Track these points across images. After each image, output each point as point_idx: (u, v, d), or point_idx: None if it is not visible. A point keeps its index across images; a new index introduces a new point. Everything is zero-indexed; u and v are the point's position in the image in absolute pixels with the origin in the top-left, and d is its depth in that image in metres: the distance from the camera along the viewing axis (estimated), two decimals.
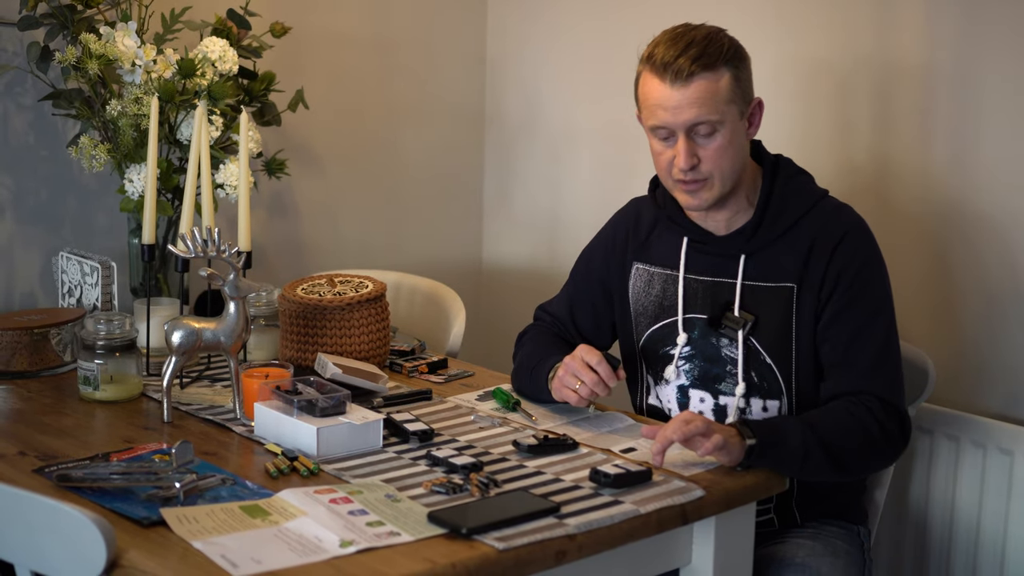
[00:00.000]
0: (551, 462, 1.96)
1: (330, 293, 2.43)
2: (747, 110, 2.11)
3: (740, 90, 2.08)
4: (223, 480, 1.83)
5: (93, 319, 2.24)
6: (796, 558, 2.11)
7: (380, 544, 1.62)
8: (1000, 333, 2.50)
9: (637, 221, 2.30)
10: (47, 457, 1.93)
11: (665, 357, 2.22)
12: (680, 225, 2.21)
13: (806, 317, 2.11)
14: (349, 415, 2.00)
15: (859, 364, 2.08)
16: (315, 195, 3.19)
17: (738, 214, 2.17)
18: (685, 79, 2.03)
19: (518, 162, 3.43)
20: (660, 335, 2.23)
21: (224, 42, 2.60)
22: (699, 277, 2.19)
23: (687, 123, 2.05)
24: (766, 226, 2.14)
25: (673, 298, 2.21)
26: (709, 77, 2.04)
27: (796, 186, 2.18)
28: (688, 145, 2.06)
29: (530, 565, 1.66)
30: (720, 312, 2.15)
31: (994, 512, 2.44)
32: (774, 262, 2.14)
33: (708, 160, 2.07)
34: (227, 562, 1.56)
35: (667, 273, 2.23)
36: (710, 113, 2.04)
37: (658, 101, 2.06)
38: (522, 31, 3.38)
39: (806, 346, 2.12)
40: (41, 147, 2.73)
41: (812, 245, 2.12)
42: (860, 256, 2.11)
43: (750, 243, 2.15)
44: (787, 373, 2.12)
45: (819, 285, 2.10)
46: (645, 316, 2.25)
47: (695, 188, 2.10)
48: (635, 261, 2.28)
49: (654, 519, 1.80)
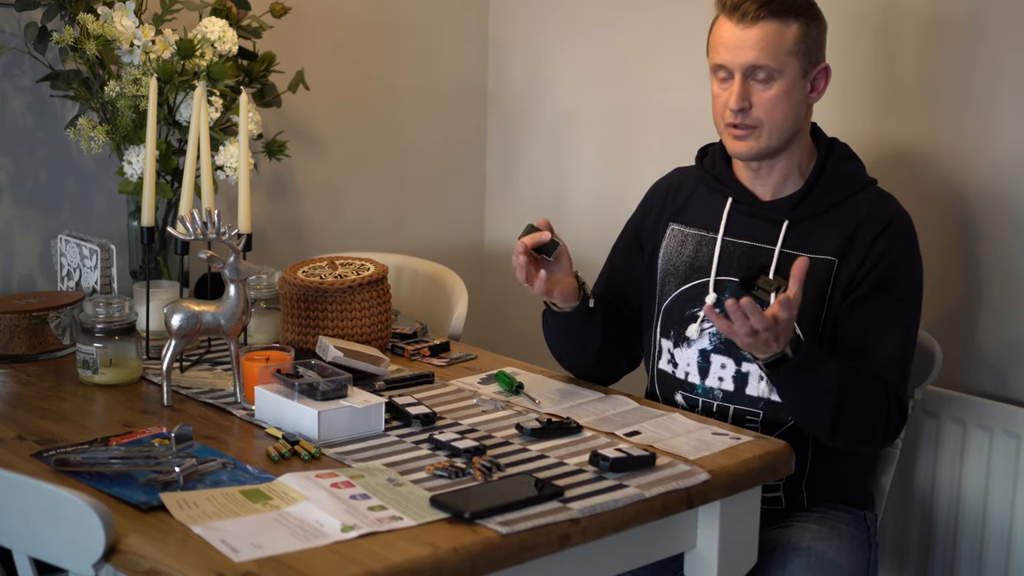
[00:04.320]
0: (554, 445, 1.94)
1: (331, 276, 2.41)
2: (812, 71, 2.12)
3: (806, 47, 2.09)
4: (223, 464, 1.81)
5: (92, 302, 2.22)
6: (802, 542, 2.09)
7: (382, 529, 1.61)
8: (1007, 315, 2.48)
9: (678, 187, 2.31)
10: (46, 441, 1.91)
11: (690, 317, 2.20)
12: (727, 185, 2.22)
13: (839, 293, 2.11)
14: (351, 398, 1.98)
15: (879, 351, 2.07)
16: (316, 177, 3.17)
17: (787, 181, 2.17)
18: (751, 21, 2.06)
19: (521, 144, 3.41)
20: (688, 295, 2.21)
21: (223, 22, 2.57)
22: (737, 240, 2.18)
23: (745, 64, 2.06)
24: (815, 198, 2.15)
25: (705, 259, 2.20)
26: (776, 23, 2.06)
27: (848, 168, 2.19)
28: (743, 87, 2.08)
29: (534, 550, 1.64)
30: (755, 274, 2.13)
31: (1000, 495, 2.43)
32: (818, 234, 2.14)
33: (760, 106, 2.08)
34: (227, 547, 1.54)
35: (702, 235, 2.22)
36: (769, 59, 2.06)
37: (722, 40, 2.09)
38: (525, 12, 3.36)
39: (834, 320, 2.12)
40: (39, 129, 2.71)
41: (858, 226, 2.12)
42: (900, 246, 2.12)
43: (796, 211, 2.15)
44: (812, 343, 2.11)
45: (857, 265, 2.11)
46: (675, 276, 2.24)
47: (743, 134, 2.11)
48: (671, 222, 2.28)
49: (658, 503, 1.78)
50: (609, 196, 2.31)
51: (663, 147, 3.02)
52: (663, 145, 3.02)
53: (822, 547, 2.09)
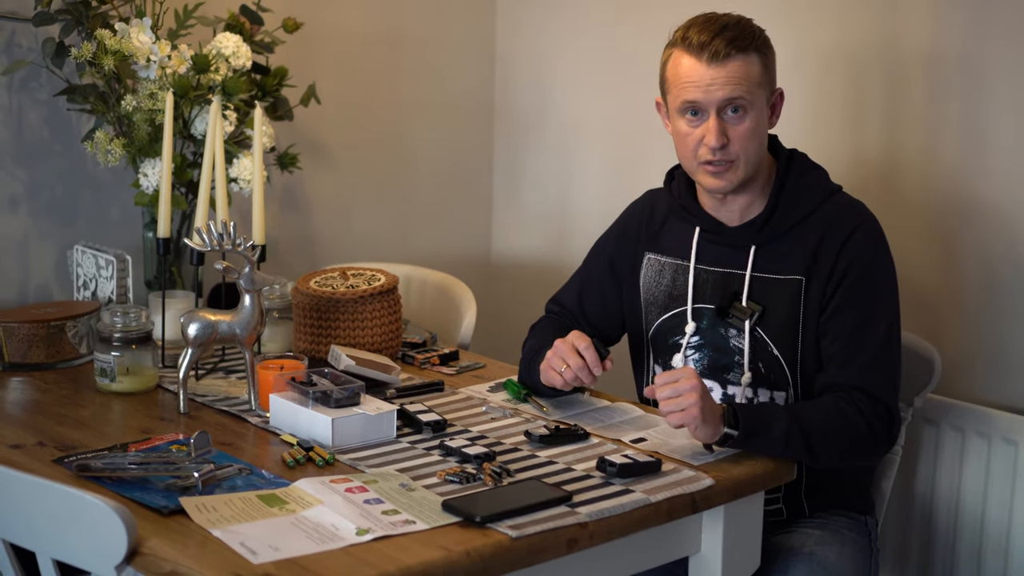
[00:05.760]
0: (562, 452, 1.98)
1: (343, 286, 2.46)
2: (771, 98, 2.15)
3: (767, 77, 2.12)
4: (240, 470, 1.85)
5: (109, 312, 2.26)
6: (804, 547, 2.13)
7: (396, 532, 1.65)
8: (1005, 324, 2.52)
9: (651, 212, 2.33)
10: (66, 448, 1.95)
11: (674, 346, 2.24)
12: (694, 215, 2.24)
13: (813, 310, 2.13)
14: (363, 406, 2.02)
15: (856, 360, 2.09)
16: (326, 189, 3.21)
17: (752, 205, 2.19)
18: (722, 59, 2.07)
19: (527, 156, 3.46)
20: (670, 324, 2.25)
21: (237, 38, 2.62)
22: (710, 268, 2.21)
23: (720, 100, 2.08)
24: (777, 218, 2.16)
25: (683, 288, 2.24)
26: (743, 59, 2.08)
27: (809, 180, 2.20)
28: (719, 124, 2.09)
29: (542, 553, 1.69)
30: (728, 302, 2.17)
31: (999, 501, 2.47)
32: (784, 254, 2.16)
33: (736, 141, 2.10)
34: (246, 550, 1.59)
35: (677, 263, 2.25)
36: (744, 92, 2.08)
37: (691, 79, 2.09)
38: (532, 26, 3.40)
39: (812, 339, 2.14)
40: (56, 142, 2.76)
41: (822, 239, 2.13)
42: (868, 253, 2.13)
43: (761, 234, 2.17)
44: (793, 365, 2.15)
45: (826, 278, 2.12)
46: (656, 306, 2.28)
47: (721, 170, 2.12)
48: (647, 251, 2.30)
49: (664, 508, 1.82)
50: (614, 206, 2.36)
51: (666, 157, 3.04)
52: (666, 156, 3.05)
53: (824, 552, 2.13)
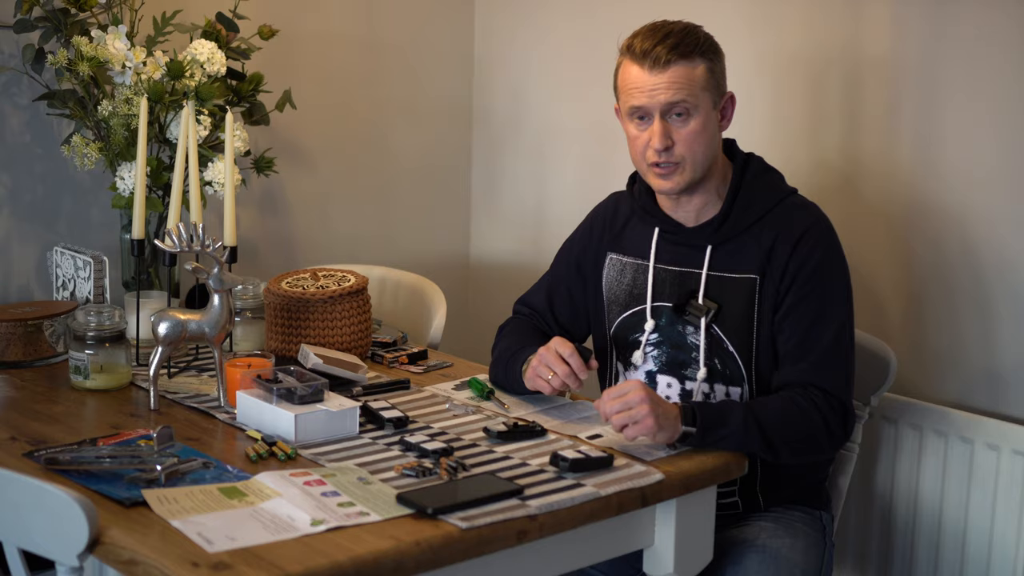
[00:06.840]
0: (519, 448, 2.04)
1: (313, 287, 2.52)
2: (720, 102, 2.21)
3: (714, 81, 2.18)
4: (205, 464, 1.91)
5: (84, 311, 2.32)
6: (757, 540, 2.19)
7: (350, 523, 1.71)
8: (959, 324, 2.57)
9: (615, 214, 2.40)
10: (37, 442, 2.01)
11: (634, 343, 2.30)
12: (653, 216, 2.31)
13: (767, 308, 2.20)
14: (327, 403, 2.08)
15: (809, 357, 2.15)
16: (305, 192, 3.27)
17: (707, 207, 2.26)
18: (663, 65, 2.14)
19: (505, 159, 3.51)
20: (630, 322, 2.31)
21: (213, 44, 2.67)
22: (668, 267, 2.28)
23: (663, 104, 2.14)
24: (733, 219, 2.23)
25: (643, 287, 2.30)
26: (685, 65, 2.14)
27: (764, 183, 2.26)
28: (663, 126, 2.16)
29: (492, 544, 1.74)
30: (685, 300, 2.24)
31: (956, 498, 2.52)
32: (739, 254, 2.22)
33: (681, 143, 2.17)
34: (203, 539, 1.64)
35: (638, 263, 2.32)
36: (685, 95, 2.14)
37: (636, 85, 2.17)
38: (508, 31, 3.46)
39: (766, 336, 2.20)
40: (36, 145, 2.81)
41: (775, 240, 2.20)
42: (819, 253, 2.19)
43: (717, 234, 2.23)
44: (748, 361, 2.21)
45: (779, 278, 2.19)
46: (617, 304, 2.34)
47: (667, 172, 2.19)
48: (609, 251, 2.37)
49: (614, 501, 1.88)
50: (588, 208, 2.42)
51: None
52: None
53: (777, 544, 2.18)
